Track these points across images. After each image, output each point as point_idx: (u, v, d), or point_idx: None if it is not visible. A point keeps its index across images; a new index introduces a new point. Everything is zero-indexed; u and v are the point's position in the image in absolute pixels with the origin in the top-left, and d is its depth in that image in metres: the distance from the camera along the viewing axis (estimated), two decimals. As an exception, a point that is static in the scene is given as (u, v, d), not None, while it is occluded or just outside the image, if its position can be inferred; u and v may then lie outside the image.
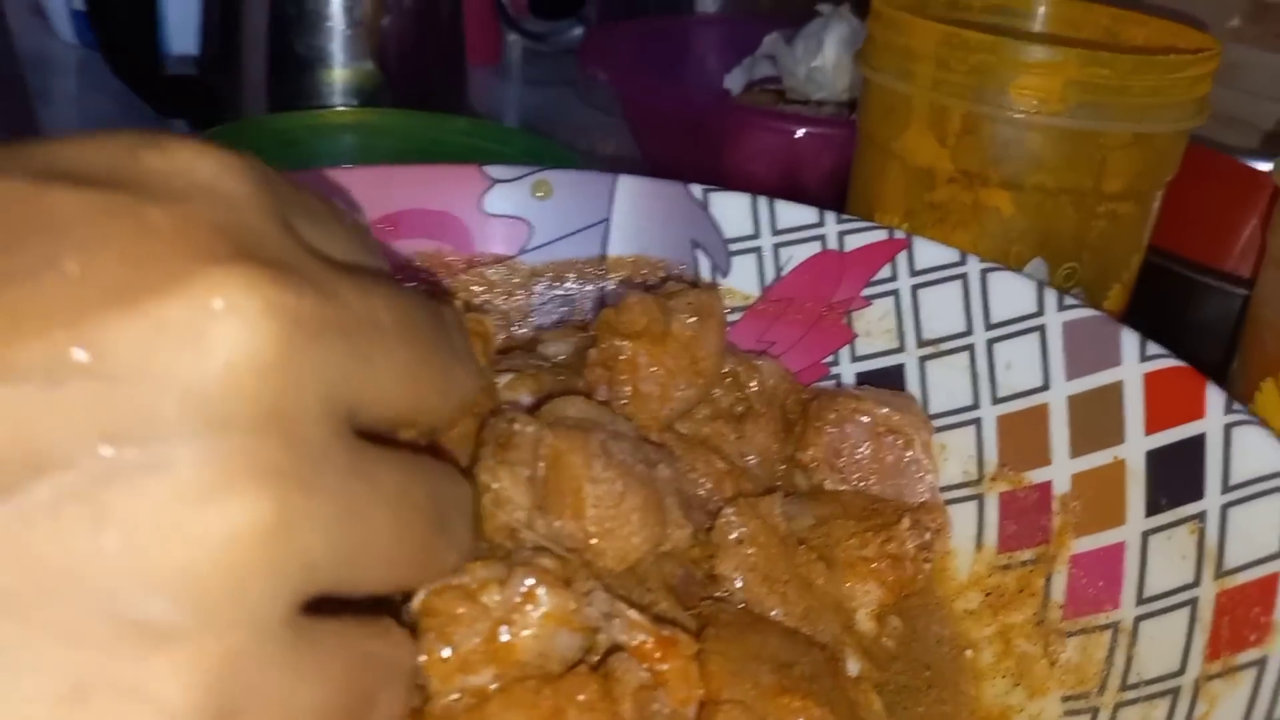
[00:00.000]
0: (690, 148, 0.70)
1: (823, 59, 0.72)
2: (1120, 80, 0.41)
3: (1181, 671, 0.31)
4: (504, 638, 0.27)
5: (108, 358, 0.18)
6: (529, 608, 0.28)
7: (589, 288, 0.47)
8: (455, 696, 0.27)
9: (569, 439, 0.31)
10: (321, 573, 0.20)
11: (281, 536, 0.19)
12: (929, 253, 0.43)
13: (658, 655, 0.28)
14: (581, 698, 0.27)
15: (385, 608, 0.27)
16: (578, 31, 0.92)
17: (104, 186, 0.19)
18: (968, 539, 0.40)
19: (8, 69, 0.91)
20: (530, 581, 0.28)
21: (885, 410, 0.40)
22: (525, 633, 0.28)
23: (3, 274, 0.18)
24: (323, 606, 0.21)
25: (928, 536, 0.37)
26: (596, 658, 0.29)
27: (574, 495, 0.31)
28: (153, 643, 0.18)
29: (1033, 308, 0.40)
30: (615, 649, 0.28)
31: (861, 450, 0.40)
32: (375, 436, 0.22)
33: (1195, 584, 0.32)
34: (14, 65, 0.91)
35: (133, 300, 0.18)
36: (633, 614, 0.28)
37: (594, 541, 0.31)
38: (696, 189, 0.47)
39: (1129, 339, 0.38)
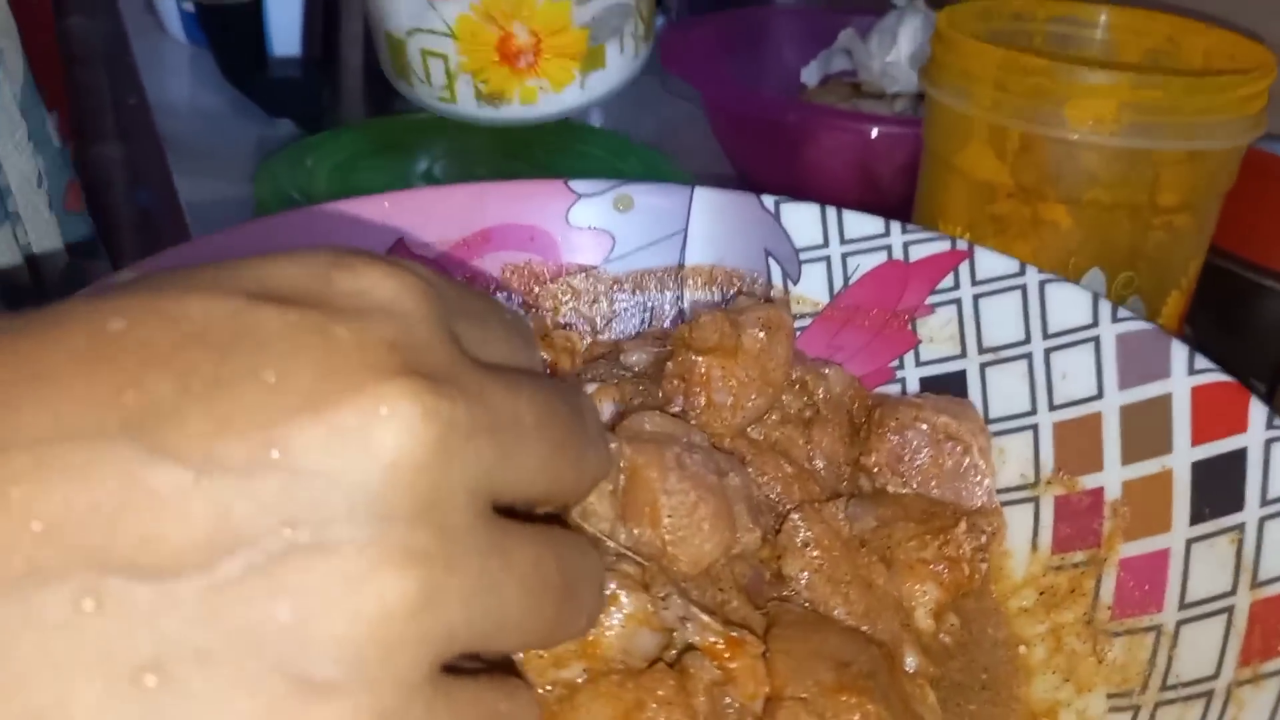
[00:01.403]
0: (768, 143, 0.72)
1: (897, 53, 0.74)
2: (1172, 101, 0.43)
3: (1216, 675, 0.33)
4: (590, 635, 0.31)
5: (294, 455, 0.21)
6: (613, 609, 0.31)
7: (668, 295, 0.50)
8: (549, 688, 0.31)
9: (646, 453, 0.35)
10: (460, 640, 0.23)
11: (426, 610, 0.22)
12: (990, 263, 0.45)
13: (727, 655, 0.31)
14: (660, 692, 0.31)
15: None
16: (660, 22, 0.94)
17: (302, 305, 0.23)
18: (1024, 540, 0.42)
19: (124, 67, 0.96)
20: (613, 586, 0.31)
21: (944, 418, 0.42)
22: (610, 632, 0.31)
23: (216, 380, 0.22)
24: (461, 661, 0.25)
25: (984, 540, 0.40)
26: (675, 652, 0.33)
27: (651, 506, 0.34)
28: (317, 696, 0.22)
29: (1088, 319, 0.43)
30: (690, 648, 0.32)
31: (921, 456, 0.42)
32: (514, 511, 0.26)
33: (1232, 592, 0.35)
34: (129, 63, 0.96)
35: (317, 408, 0.22)
36: (705, 617, 0.31)
37: (670, 549, 0.34)
38: (769, 200, 0.49)
39: (1179, 352, 0.40)
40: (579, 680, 0.31)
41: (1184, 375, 0.39)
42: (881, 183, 0.69)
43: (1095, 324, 0.42)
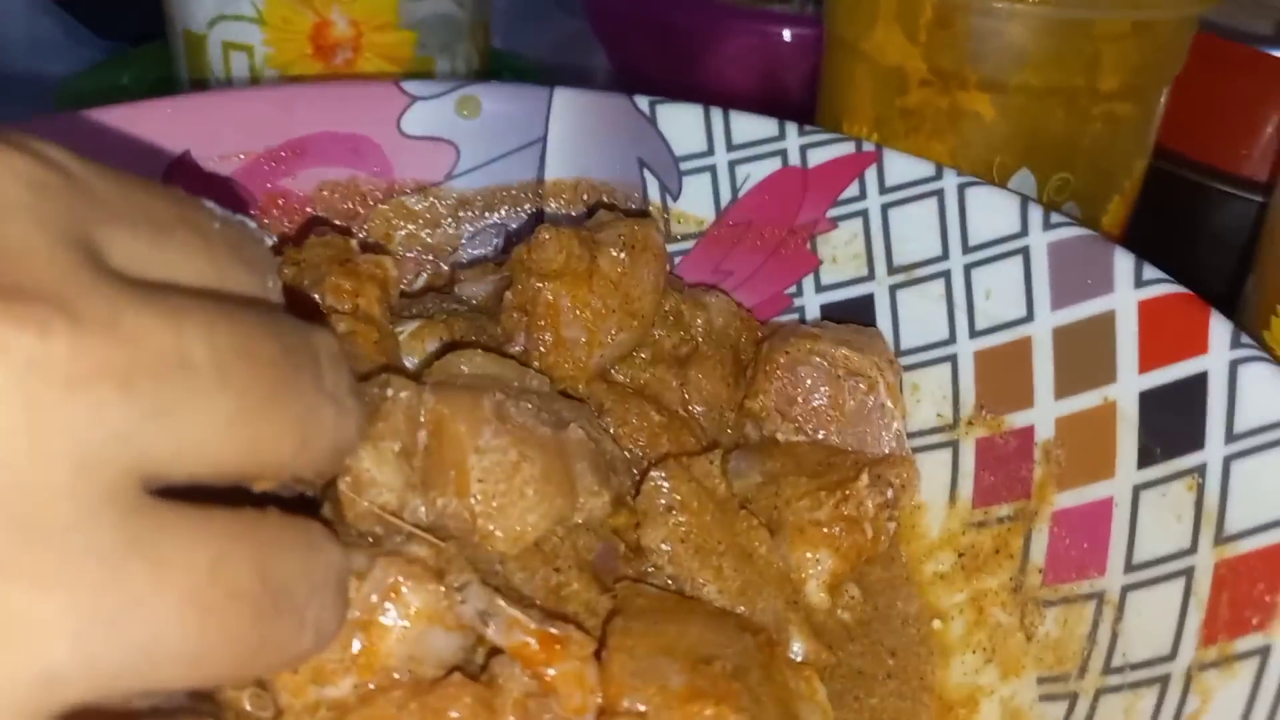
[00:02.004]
0: (661, 53, 0.64)
1: (806, -49, 0.66)
2: (1114, -41, 0.35)
3: (1172, 656, 0.27)
4: (359, 644, 0.23)
5: None
6: (393, 606, 0.24)
7: (526, 216, 0.42)
8: (308, 712, 0.24)
9: (453, 402, 0.27)
10: (74, 684, 0.16)
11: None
12: (901, 167, 0.38)
13: (543, 658, 0.24)
14: (454, 713, 0.23)
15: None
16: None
17: None
18: (940, 491, 0.35)
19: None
20: (393, 575, 0.24)
21: (844, 350, 0.35)
22: (390, 635, 0.24)
23: None
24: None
25: (890, 494, 0.33)
26: (485, 654, 0.25)
27: (458, 468, 0.26)
28: None
29: (1016, 227, 0.35)
30: (499, 650, 0.24)
31: (818, 396, 0.35)
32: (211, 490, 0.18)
33: (1191, 550, 0.28)
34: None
35: None
36: (513, 611, 0.24)
37: (482, 522, 0.26)
38: (643, 101, 0.42)
39: (1123, 262, 0.33)
40: (352, 699, 0.24)
41: (1129, 288, 0.32)
42: (790, 94, 0.62)
43: (1024, 232, 0.35)
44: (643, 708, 0.24)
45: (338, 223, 0.40)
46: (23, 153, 0.18)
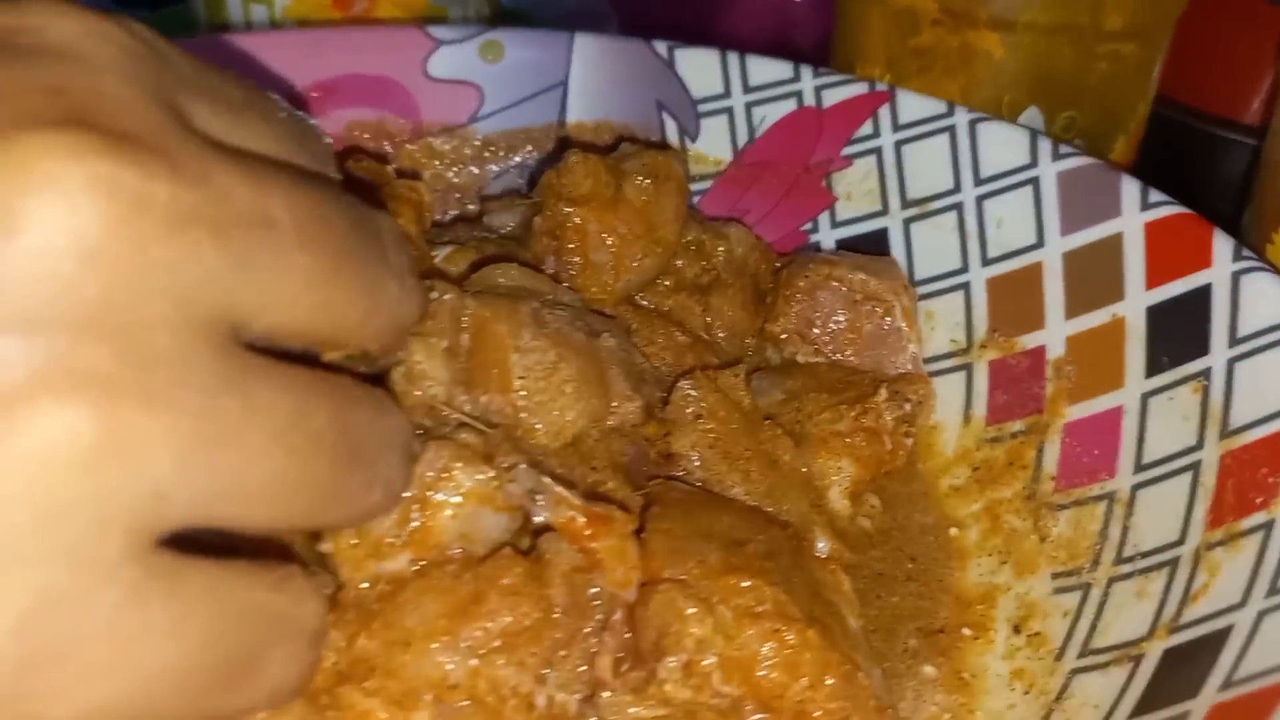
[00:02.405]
0: (674, 13, 0.65)
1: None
2: (1120, -103, 0.37)
3: (1181, 541, 0.28)
4: (416, 520, 0.25)
5: None
6: (446, 487, 0.25)
7: (548, 158, 0.44)
8: (368, 584, 0.25)
9: (493, 306, 0.28)
10: (177, 504, 0.17)
11: (110, 458, 0.16)
12: (913, 105, 0.39)
13: (588, 534, 0.25)
14: (506, 581, 0.25)
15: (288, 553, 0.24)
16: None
17: None
18: (955, 412, 0.37)
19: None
20: (445, 457, 0.25)
21: (861, 275, 0.36)
22: (444, 513, 0.25)
23: None
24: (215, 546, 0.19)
25: (908, 408, 0.34)
26: (530, 538, 0.27)
27: (500, 367, 0.28)
28: None
29: (1025, 159, 0.37)
30: (546, 529, 0.26)
31: (837, 319, 0.36)
32: (288, 355, 0.20)
33: (1198, 446, 0.29)
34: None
35: None
36: (559, 489, 0.25)
37: (524, 416, 0.28)
38: (661, 46, 0.43)
39: (1129, 187, 0.34)
40: (408, 573, 0.25)
41: (1136, 211, 0.34)
42: (803, 56, 0.63)
43: (1034, 163, 0.37)
44: (683, 578, 0.25)
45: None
46: (113, 21, 0.19)
